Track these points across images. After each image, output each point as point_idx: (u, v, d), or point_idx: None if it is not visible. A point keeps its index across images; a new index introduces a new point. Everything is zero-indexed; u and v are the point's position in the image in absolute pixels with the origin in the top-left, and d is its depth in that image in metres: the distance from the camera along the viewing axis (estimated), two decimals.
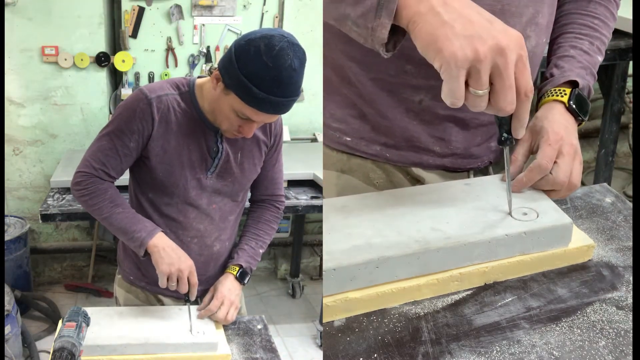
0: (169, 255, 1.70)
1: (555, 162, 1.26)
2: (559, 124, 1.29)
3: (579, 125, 1.34)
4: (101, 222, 1.77)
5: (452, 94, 1.01)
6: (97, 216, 1.75)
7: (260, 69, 1.51)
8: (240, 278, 1.84)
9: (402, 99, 1.36)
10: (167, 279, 1.71)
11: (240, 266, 1.85)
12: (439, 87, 1.33)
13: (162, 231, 1.74)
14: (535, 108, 1.38)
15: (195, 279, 1.74)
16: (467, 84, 1.01)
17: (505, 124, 1.12)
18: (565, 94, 1.34)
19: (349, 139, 1.43)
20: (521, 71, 1.02)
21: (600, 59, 1.42)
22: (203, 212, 1.79)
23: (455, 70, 0.98)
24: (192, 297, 1.76)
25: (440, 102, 1.35)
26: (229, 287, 1.81)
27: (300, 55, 1.53)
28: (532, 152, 1.32)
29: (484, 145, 1.44)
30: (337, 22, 1.13)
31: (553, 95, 1.35)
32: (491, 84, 1.01)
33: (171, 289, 1.74)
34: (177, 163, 1.72)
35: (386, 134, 1.40)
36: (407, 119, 1.37)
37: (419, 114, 1.37)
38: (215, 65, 1.67)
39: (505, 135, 1.13)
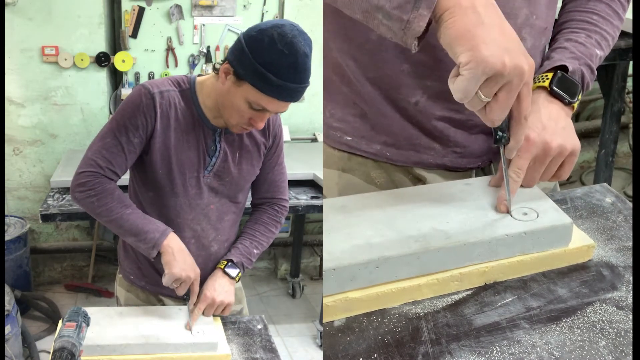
0: (184, 260, 1.72)
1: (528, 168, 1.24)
2: (536, 122, 1.26)
3: (572, 109, 1.31)
4: (108, 223, 1.72)
5: (465, 92, 1.03)
6: (105, 217, 1.70)
7: (276, 57, 1.53)
8: (230, 272, 1.83)
9: (399, 98, 1.36)
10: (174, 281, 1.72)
11: (230, 260, 1.83)
12: (435, 87, 1.33)
13: (173, 231, 1.74)
14: None
15: (197, 287, 1.76)
16: None
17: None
18: (548, 78, 1.31)
19: (349, 138, 1.42)
20: (525, 96, 1.07)
21: (599, 52, 1.38)
22: (201, 213, 1.79)
23: (481, 74, 1.00)
24: (192, 303, 1.77)
25: (436, 102, 1.35)
26: (214, 287, 1.80)
27: (309, 43, 1.57)
28: None
29: (484, 145, 1.43)
30: (365, 15, 1.10)
31: (536, 82, 1.32)
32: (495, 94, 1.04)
33: (171, 287, 1.75)
34: (176, 160, 1.72)
35: (386, 132, 1.39)
36: (405, 118, 1.37)
37: (415, 115, 1.37)
38: (220, 62, 1.67)
39: (500, 133, 1.14)
